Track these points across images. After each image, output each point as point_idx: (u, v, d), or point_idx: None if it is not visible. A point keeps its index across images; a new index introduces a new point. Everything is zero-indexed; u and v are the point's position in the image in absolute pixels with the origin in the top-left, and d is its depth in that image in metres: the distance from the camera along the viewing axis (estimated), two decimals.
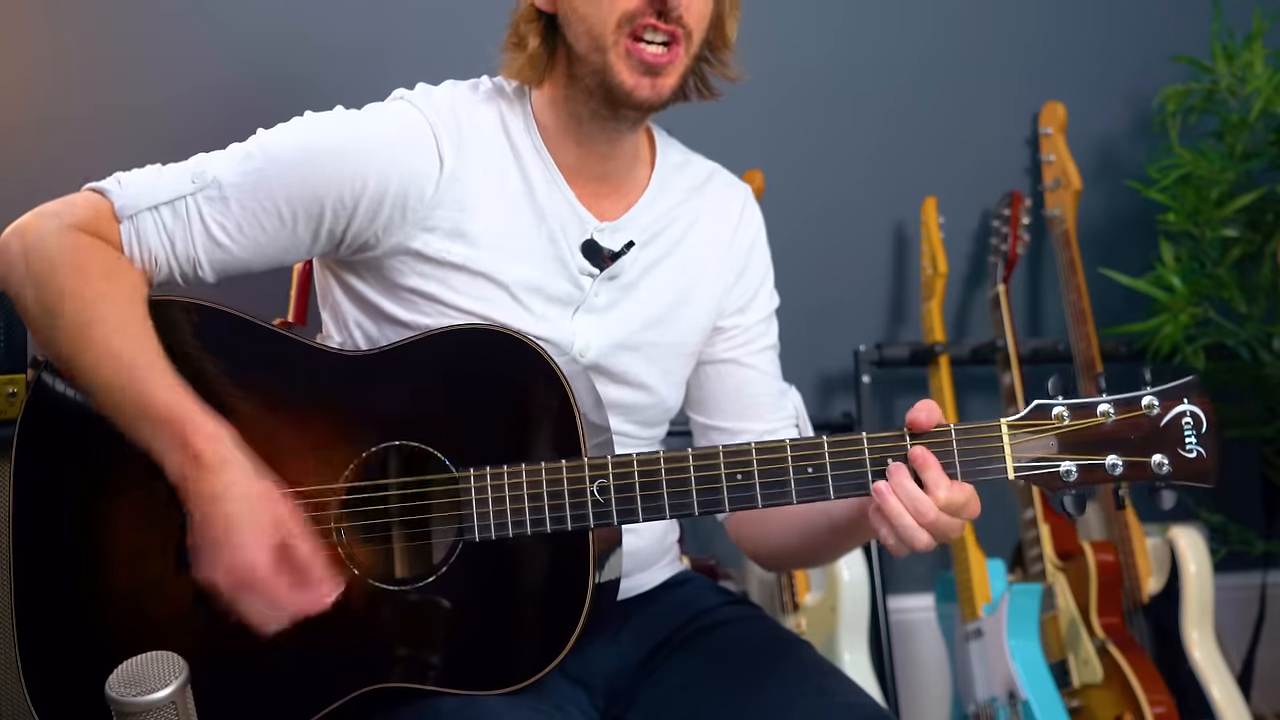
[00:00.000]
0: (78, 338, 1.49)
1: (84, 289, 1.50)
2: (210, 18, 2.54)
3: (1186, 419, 1.45)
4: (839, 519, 1.61)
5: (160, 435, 1.46)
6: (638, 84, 1.58)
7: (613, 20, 1.56)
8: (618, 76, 1.58)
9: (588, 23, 1.58)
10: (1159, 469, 1.45)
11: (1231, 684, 2.50)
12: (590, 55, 1.59)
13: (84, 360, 1.49)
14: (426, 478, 1.52)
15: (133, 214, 1.55)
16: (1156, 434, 1.45)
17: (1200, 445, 1.45)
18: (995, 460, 1.46)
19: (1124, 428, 1.46)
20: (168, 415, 1.46)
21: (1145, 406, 1.46)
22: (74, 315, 1.49)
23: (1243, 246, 2.71)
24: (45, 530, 1.55)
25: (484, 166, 1.62)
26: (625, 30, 1.56)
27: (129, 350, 1.48)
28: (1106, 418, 1.46)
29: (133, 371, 1.47)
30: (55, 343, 1.51)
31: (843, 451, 1.47)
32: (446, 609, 1.50)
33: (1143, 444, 1.45)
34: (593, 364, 1.65)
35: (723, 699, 1.58)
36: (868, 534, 1.57)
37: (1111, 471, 1.45)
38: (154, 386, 1.47)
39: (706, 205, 1.76)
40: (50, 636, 1.54)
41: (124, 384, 1.47)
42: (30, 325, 1.55)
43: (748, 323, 1.79)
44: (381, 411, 1.54)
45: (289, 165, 1.56)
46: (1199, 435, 1.45)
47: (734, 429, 1.78)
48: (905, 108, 2.87)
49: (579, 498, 1.49)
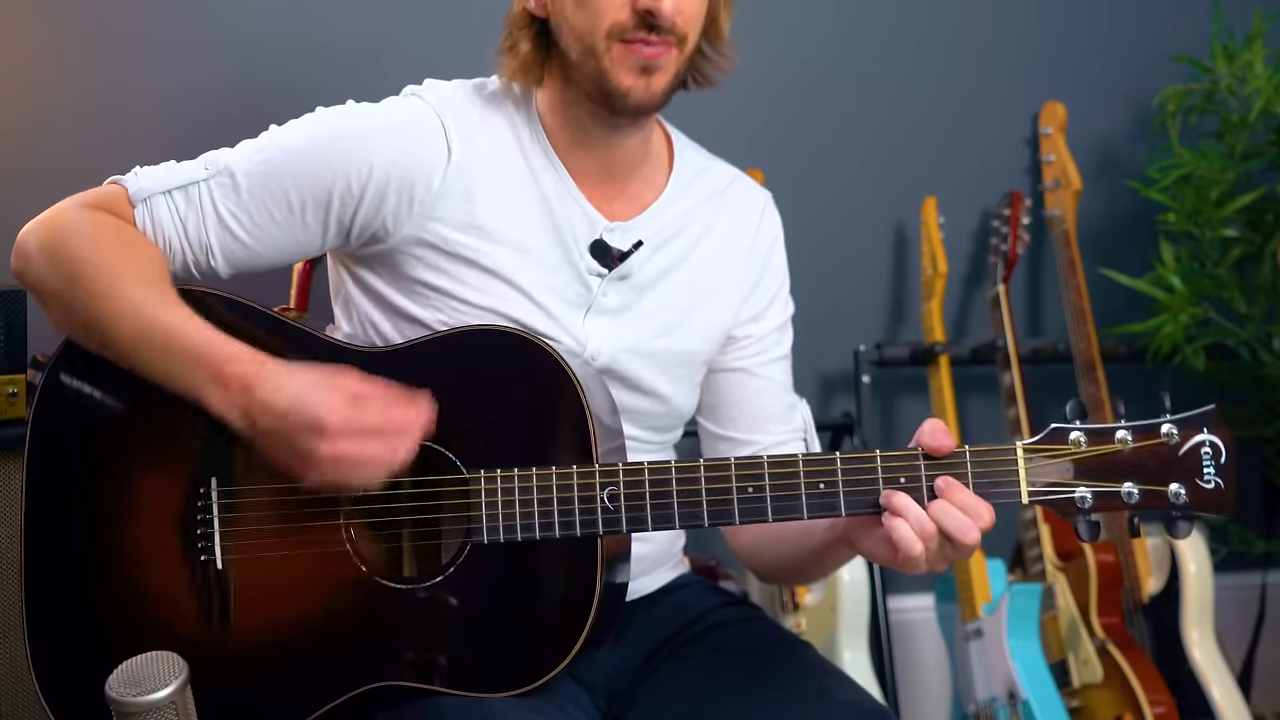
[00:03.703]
0: (101, 298, 1.49)
1: (103, 253, 1.51)
2: (209, 16, 2.53)
3: (1205, 449, 1.43)
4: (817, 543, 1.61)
5: (197, 371, 1.45)
6: (634, 84, 1.57)
7: (601, 30, 1.56)
8: (614, 79, 1.57)
9: (578, 31, 1.58)
10: (1176, 499, 1.43)
11: (1231, 684, 2.50)
12: (584, 61, 1.59)
13: (108, 319, 1.49)
14: (437, 478, 1.51)
15: (147, 197, 1.57)
16: (1175, 463, 1.44)
17: (1219, 476, 1.43)
18: (1009, 483, 1.45)
19: (1142, 455, 1.44)
20: (199, 350, 1.45)
21: (1164, 435, 1.44)
22: (95, 277, 1.50)
23: (1243, 246, 2.71)
24: (54, 528, 1.55)
25: (492, 161, 1.62)
26: (615, 39, 1.56)
27: (152, 301, 1.49)
28: (1124, 445, 1.44)
29: (156, 318, 1.47)
30: (77, 310, 1.51)
31: (855, 468, 1.47)
32: (452, 609, 1.50)
33: (1160, 473, 1.44)
34: (605, 368, 1.65)
35: (723, 700, 1.58)
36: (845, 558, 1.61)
37: (1127, 500, 1.44)
38: (181, 327, 1.47)
39: (726, 211, 1.76)
40: (60, 633, 1.54)
41: (151, 332, 1.47)
42: (51, 305, 1.54)
43: (761, 332, 1.78)
44: None
45: (298, 155, 1.58)
46: (1217, 466, 1.43)
47: (742, 439, 1.77)
48: (905, 107, 2.87)
49: (589, 504, 1.48)
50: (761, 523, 1.48)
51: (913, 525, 1.43)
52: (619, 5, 1.55)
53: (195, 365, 1.46)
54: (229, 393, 1.45)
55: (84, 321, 1.52)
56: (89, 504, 1.55)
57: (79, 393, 1.56)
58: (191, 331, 1.47)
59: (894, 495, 1.44)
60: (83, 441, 1.56)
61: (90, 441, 1.56)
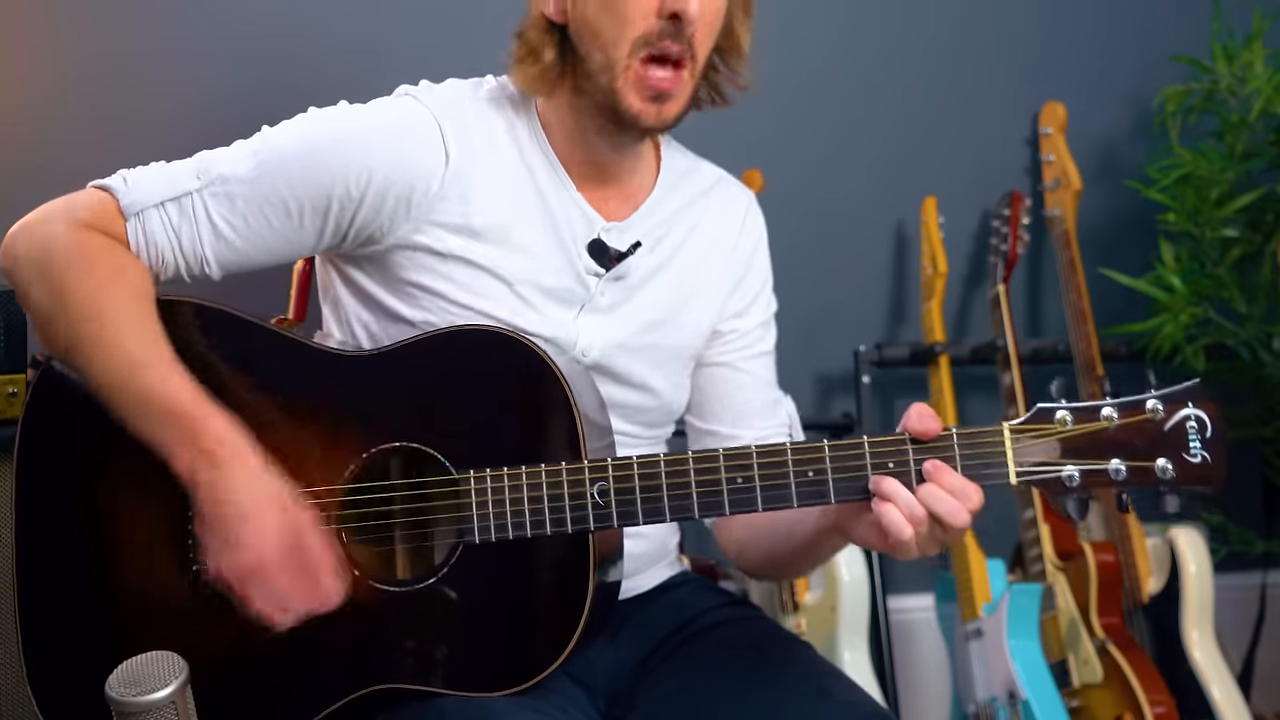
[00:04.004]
0: (83, 333, 1.48)
1: (90, 286, 1.49)
2: (209, 16, 2.53)
3: (1191, 423, 1.44)
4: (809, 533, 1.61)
5: (168, 430, 1.45)
6: (644, 110, 1.57)
7: (627, 43, 1.55)
8: (624, 101, 1.57)
9: (601, 40, 1.56)
10: (1163, 474, 1.43)
11: (1231, 684, 2.50)
12: (600, 75, 1.57)
13: (89, 356, 1.48)
14: (426, 479, 1.51)
15: (139, 211, 1.55)
16: (1161, 438, 1.44)
17: (1205, 450, 1.43)
18: (997, 464, 1.45)
19: (1128, 432, 1.44)
20: (176, 410, 1.45)
21: (1149, 410, 1.44)
22: (80, 310, 1.49)
23: (1243, 246, 2.71)
24: (48, 529, 1.55)
25: (489, 162, 1.62)
26: (640, 54, 1.55)
27: (136, 346, 1.48)
28: (1110, 422, 1.45)
29: (140, 368, 1.47)
30: (59, 337, 1.51)
31: (843, 455, 1.47)
32: (446, 610, 1.50)
33: (1147, 448, 1.44)
34: (595, 364, 1.65)
35: (722, 699, 1.58)
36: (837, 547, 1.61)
37: (1115, 476, 1.44)
38: (162, 382, 1.46)
39: (710, 211, 1.76)
40: (53, 635, 1.54)
41: (130, 380, 1.47)
42: (36, 321, 1.54)
43: (745, 327, 1.78)
44: (382, 413, 1.53)
45: (294, 160, 1.56)
46: (1204, 440, 1.43)
47: (726, 433, 1.78)
48: (905, 107, 2.87)
49: (579, 500, 1.48)
50: (752, 513, 1.48)
51: (902, 510, 1.43)
52: (645, 13, 1.54)
53: (167, 425, 1.45)
54: (195, 465, 1.44)
55: (64, 346, 1.51)
56: (82, 507, 1.54)
57: (71, 394, 1.55)
58: (169, 391, 1.46)
59: (883, 480, 1.44)
60: (75, 444, 1.55)
61: (82, 444, 1.55)
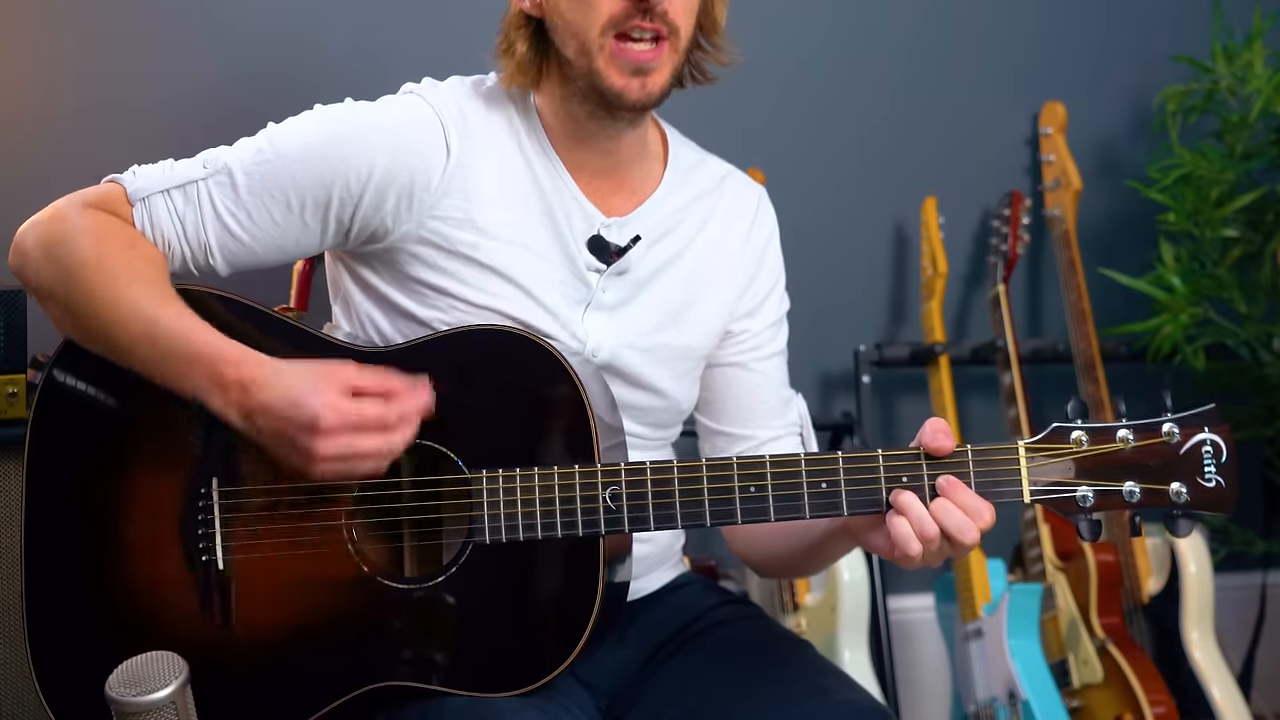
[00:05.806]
0: (100, 299, 1.50)
1: (104, 254, 1.51)
2: (209, 16, 2.53)
3: (1207, 447, 1.44)
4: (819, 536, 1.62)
5: (196, 374, 1.46)
6: (627, 85, 1.58)
7: (597, 26, 1.56)
8: (606, 80, 1.57)
9: (573, 28, 1.58)
10: (1177, 497, 1.43)
11: (1231, 684, 2.50)
12: (578, 60, 1.59)
13: (106, 319, 1.49)
14: (438, 478, 1.51)
15: (145, 196, 1.56)
16: (1176, 462, 1.44)
17: (1219, 474, 1.43)
18: (1011, 483, 1.45)
19: (1143, 454, 1.44)
20: (201, 352, 1.46)
21: (1165, 434, 1.44)
22: (94, 277, 1.50)
23: (1243, 246, 2.71)
24: (55, 528, 1.55)
25: (490, 159, 1.62)
26: (610, 34, 1.56)
27: (151, 302, 1.49)
28: (1126, 444, 1.44)
29: (157, 322, 1.48)
30: (75, 309, 1.51)
31: (857, 468, 1.47)
32: (454, 609, 1.50)
33: (1161, 471, 1.44)
34: (605, 364, 1.65)
35: (723, 699, 1.58)
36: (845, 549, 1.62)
37: (1129, 499, 1.44)
38: (183, 329, 1.48)
39: (720, 206, 1.75)
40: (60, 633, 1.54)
41: (150, 333, 1.48)
42: (48, 302, 1.54)
43: (757, 327, 1.78)
44: None
45: (297, 154, 1.57)
46: (1218, 464, 1.43)
47: (738, 434, 1.77)
48: (905, 107, 2.87)
49: (591, 504, 1.48)
50: (764, 522, 1.48)
51: (913, 524, 1.44)
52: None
53: (194, 366, 1.46)
54: (228, 394, 1.46)
55: (83, 321, 1.52)
56: (90, 504, 1.55)
57: (79, 393, 1.55)
58: (190, 333, 1.48)
59: (901, 494, 1.45)
60: (83, 441, 1.56)
61: (91, 441, 1.56)
